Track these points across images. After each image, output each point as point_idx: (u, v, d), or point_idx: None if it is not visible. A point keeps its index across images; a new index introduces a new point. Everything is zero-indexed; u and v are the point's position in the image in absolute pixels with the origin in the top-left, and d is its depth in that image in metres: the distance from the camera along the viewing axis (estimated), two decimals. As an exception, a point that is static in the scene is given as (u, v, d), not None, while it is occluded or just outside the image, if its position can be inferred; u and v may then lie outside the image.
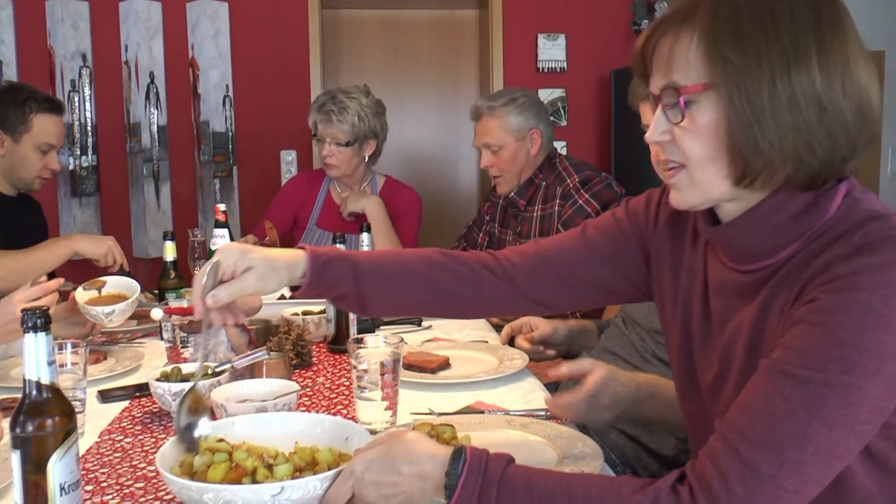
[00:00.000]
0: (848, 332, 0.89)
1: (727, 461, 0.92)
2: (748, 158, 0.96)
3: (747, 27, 0.95)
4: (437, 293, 1.30)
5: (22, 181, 2.65)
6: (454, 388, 1.66)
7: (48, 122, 2.62)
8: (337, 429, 1.21)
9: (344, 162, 2.90)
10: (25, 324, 0.93)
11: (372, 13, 4.54)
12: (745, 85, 0.95)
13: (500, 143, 2.62)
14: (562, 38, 4.50)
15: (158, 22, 4.19)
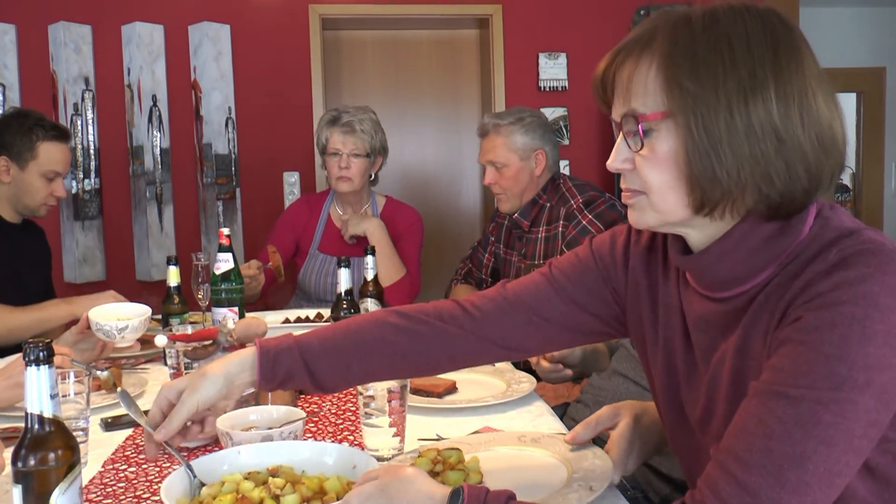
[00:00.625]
0: (835, 348, 0.88)
1: (726, 488, 0.90)
2: (706, 188, 0.96)
3: (704, 56, 0.95)
4: (394, 357, 1.27)
5: (27, 208, 2.65)
6: (462, 413, 1.64)
7: (54, 150, 2.62)
8: (344, 456, 1.20)
9: (359, 175, 2.88)
10: (28, 357, 0.91)
11: (373, 34, 4.56)
12: (702, 114, 0.95)
13: (503, 161, 2.62)
14: (563, 57, 4.51)
15: (161, 44, 4.20)
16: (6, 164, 2.58)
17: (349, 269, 2.01)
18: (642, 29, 1.03)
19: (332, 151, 2.89)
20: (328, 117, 2.94)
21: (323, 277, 2.93)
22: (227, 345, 1.68)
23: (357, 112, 2.92)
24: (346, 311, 1.96)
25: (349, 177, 2.88)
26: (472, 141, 4.67)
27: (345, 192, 2.92)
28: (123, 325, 1.92)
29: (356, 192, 2.93)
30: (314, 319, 2.41)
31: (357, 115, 2.91)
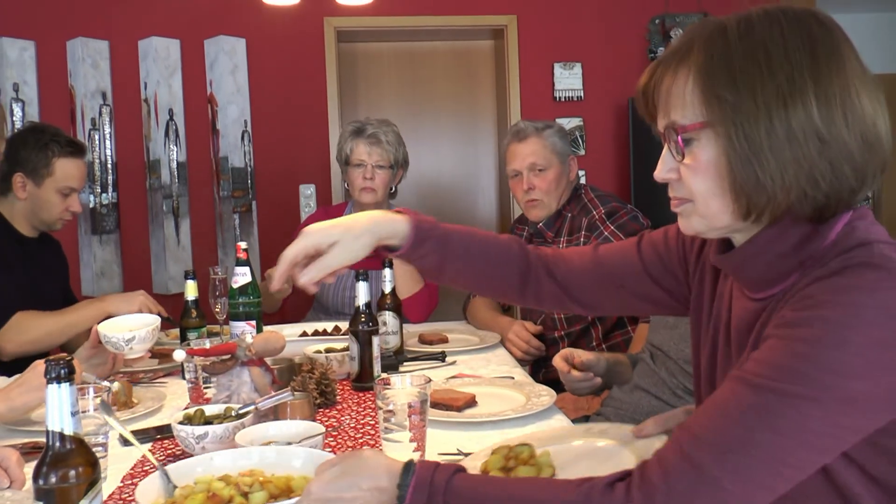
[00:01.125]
0: (805, 346, 0.90)
1: (672, 459, 0.94)
2: (751, 194, 0.97)
3: (741, 65, 0.96)
4: (501, 281, 1.38)
5: (44, 223, 2.66)
6: (481, 427, 1.63)
7: (70, 166, 2.62)
8: (310, 459, 1.25)
9: (383, 186, 2.88)
10: (49, 374, 0.91)
11: (388, 46, 4.57)
12: (742, 123, 0.95)
13: (546, 164, 2.60)
14: (578, 67, 4.50)
15: (177, 59, 4.22)
16: (22, 181, 2.59)
17: (367, 283, 2.00)
18: (679, 41, 1.04)
19: (357, 163, 2.88)
20: (352, 129, 2.94)
21: (341, 291, 2.92)
22: (245, 359, 1.68)
23: (380, 125, 2.92)
24: (364, 324, 1.95)
25: (373, 188, 2.87)
26: (488, 151, 4.70)
27: (368, 203, 2.91)
28: (130, 337, 1.91)
29: (377, 205, 2.92)
30: (332, 332, 2.40)
31: (381, 127, 2.91)
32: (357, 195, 2.92)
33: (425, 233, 1.29)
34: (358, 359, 1.95)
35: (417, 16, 4.33)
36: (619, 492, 0.95)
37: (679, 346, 1.79)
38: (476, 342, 2.48)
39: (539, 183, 2.60)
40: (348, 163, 2.91)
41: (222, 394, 1.67)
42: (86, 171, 2.71)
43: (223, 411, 1.55)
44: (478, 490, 1.02)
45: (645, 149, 4.24)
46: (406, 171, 3.02)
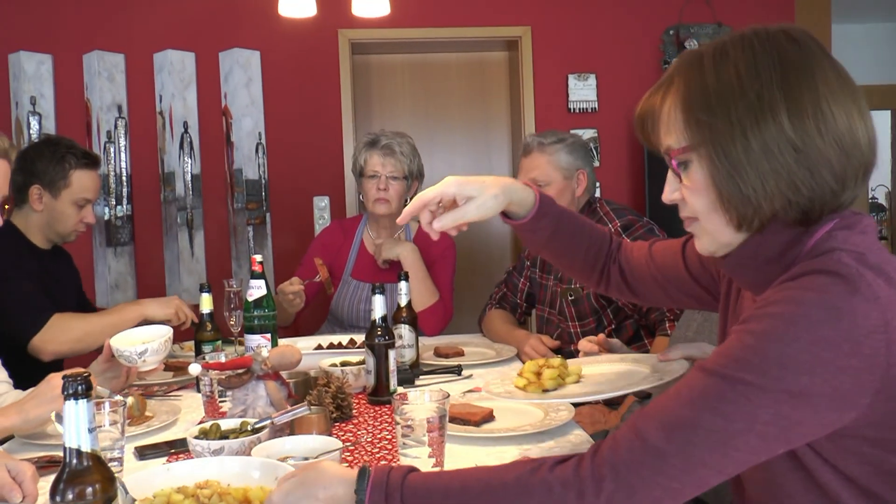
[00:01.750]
0: (754, 339, 0.97)
1: (624, 433, 1.02)
2: (738, 206, 1.04)
3: (715, 88, 1.04)
4: (586, 264, 1.53)
5: (59, 235, 2.67)
6: (499, 443, 1.61)
7: (86, 178, 2.64)
8: (268, 470, 1.27)
9: (397, 197, 2.89)
10: (66, 390, 0.90)
11: (402, 58, 4.57)
12: (720, 142, 1.03)
13: (547, 180, 2.58)
14: (592, 78, 4.49)
15: (192, 72, 4.24)
16: (39, 193, 2.60)
17: (384, 296, 1.98)
18: (666, 73, 1.14)
19: (371, 174, 2.88)
20: (367, 140, 2.94)
21: (356, 304, 2.91)
22: (261, 373, 1.67)
23: (395, 136, 2.93)
24: (381, 337, 1.93)
25: (387, 199, 2.87)
26: (502, 163, 4.68)
27: (382, 214, 2.90)
28: (143, 349, 1.91)
29: (391, 216, 2.92)
30: (347, 345, 2.39)
31: (395, 138, 2.91)
32: (371, 206, 2.92)
33: (546, 207, 1.41)
34: (374, 372, 1.94)
35: (431, 27, 4.33)
36: (570, 463, 1.02)
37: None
38: (492, 356, 2.46)
39: None
40: (362, 174, 2.91)
41: (238, 408, 1.66)
42: (100, 183, 2.73)
43: (239, 426, 1.54)
44: (432, 482, 1.08)
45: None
46: (421, 183, 3.01)
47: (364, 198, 2.95)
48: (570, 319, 2.58)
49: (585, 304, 2.54)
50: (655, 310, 2.38)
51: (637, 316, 2.47)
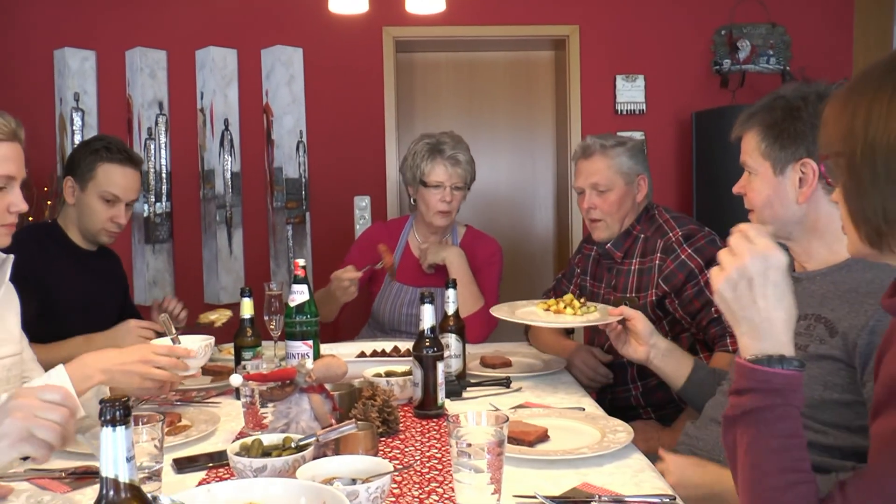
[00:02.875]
0: None
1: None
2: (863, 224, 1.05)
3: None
4: None
5: (88, 232, 2.59)
6: (556, 466, 1.51)
7: (114, 172, 2.55)
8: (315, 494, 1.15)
9: (457, 207, 2.80)
10: (103, 416, 0.83)
11: (447, 56, 4.48)
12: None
13: (609, 185, 2.47)
14: (641, 80, 4.37)
15: (233, 69, 4.19)
16: (72, 185, 2.56)
17: (433, 306, 1.89)
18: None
19: (435, 184, 2.77)
20: (427, 147, 2.80)
21: (398, 308, 2.83)
22: (305, 385, 1.59)
23: (456, 144, 2.80)
24: (430, 349, 1.85)
25: (451, 210, 2.78)
26: (547, 164, 4.58)
27: (440, 226, 2.80)
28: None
29: (447, 228, 2.84)
30: (391, 353, 2.31)
31: (458, 147, 2.79)
32: (431, 217, 2.80)
33: None
34: (421, 385, 1.85)
35: (477, 25, 4.24)
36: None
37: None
38: (540, 367, 2.36)
39: (600, 203, 2.47)
40: (424, 183, 2.79)
41: (280, 421, 1.58)
42: (136, 183, 2.61)
43: (282, 441, 1.46)
44: None
45: (709, 165, 4.08)
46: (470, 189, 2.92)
47: (423, 206, 2.82)
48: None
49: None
50: (716, 324, 2.27)
51: (695, 329, 2.36)
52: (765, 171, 1.64)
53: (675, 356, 2.01)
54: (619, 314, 2.00)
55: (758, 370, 1.07)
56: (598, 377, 2.38)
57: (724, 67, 4.27)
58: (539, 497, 1.32)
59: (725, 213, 3.92)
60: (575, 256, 2.81)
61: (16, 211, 1.78)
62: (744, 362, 1.09)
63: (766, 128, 1.62)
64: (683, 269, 2.32)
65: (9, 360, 1.81)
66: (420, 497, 1.36)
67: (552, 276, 4.53)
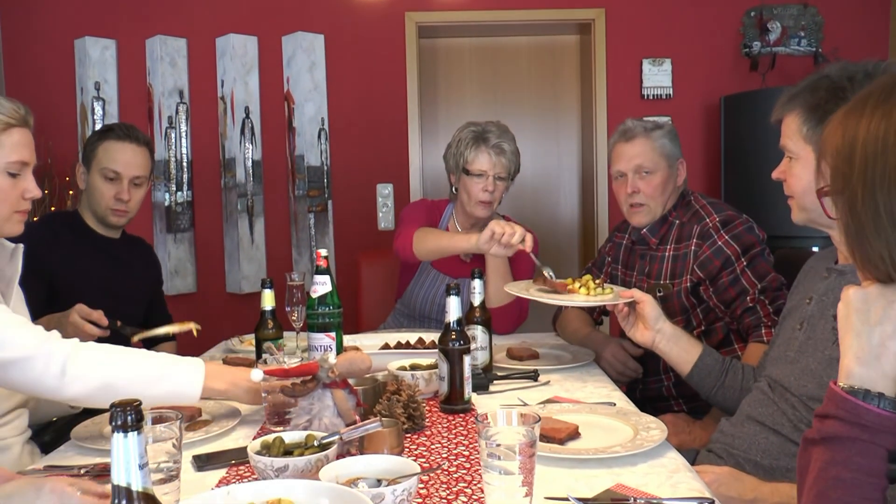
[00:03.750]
0: None
1: None
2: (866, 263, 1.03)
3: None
4: None
5: (97, 214, 2.56)
6: (588, 465, 1.45)
7: (113, 148, 2.51)
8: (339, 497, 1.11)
9: (499, 198, 2.72)
10: (114, 421, 0.78)
11: (470, 41, 4.41)
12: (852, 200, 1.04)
13: (653, 167, 2.39)
14: (668, 63, 4.27)
15: (254, 56, 4.15)
16: (82, 170, 2.57)
17: (459, 298, 1.84)
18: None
19: (478, 172, 2.68)
20: (472, 134, 2.72)
21: (432, 295, 2.78)
22: (328, 381, 1.54)
23: (502, 132, 2.71)
24: (455, 342, 1.79)
25: (492, 200, 2.70)
26: (571, 150, 4.51)
27: (481, 216, 2.72)
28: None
29: (489, 218, 2.76)
30: (415, 345, 2.25)
31: (504, 136, 2.70)
32: (472, 207, 2.72)
33: None
34: (447, 379, 1.80)
35: (501, 10, 4.17)
36: None
37: (801, 381, 1.57)
38: (569, 359, 2.30)
39: (644, 187, 2.39)
40: (467, 171, 2.71)
41: (302, 418, 1.53)
42: (137, 159, 2.51)
43: (304, 439, 1.41)
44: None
45: (737, 151, 3.99)
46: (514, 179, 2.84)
47: (465, 195, 2.73)
48: None
49: (675, 301, 2.36)
50: (751, 314, 2.20)
51: (729, 319, 2.29)
52: (807, 156, 1.56)
53: (681, 342, 1.96)
54: (630, 296, 1.95)
55: (849, 400, 0.99)
56: (628, 371, 2.32)
57: (753, 50, 4.17)
58: (572, 499, 1.26)
59: (754, 200, 3.84)
60: (605, 245, 2.74)
61: (30, 197, 1.76)
62: (837, 389, 1.01)
63: (808, 110, 1.55)
64: (720, 255, 2.25)
65: None
66: (448, 498, 1.31)
67: (578, 264, 4.47)
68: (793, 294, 1.81)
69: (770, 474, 1.58)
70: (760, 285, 2.21)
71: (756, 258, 2.24)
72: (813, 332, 1.59)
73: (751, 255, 2.24)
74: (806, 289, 1.72)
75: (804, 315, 1.64)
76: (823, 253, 1.78)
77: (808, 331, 1.61)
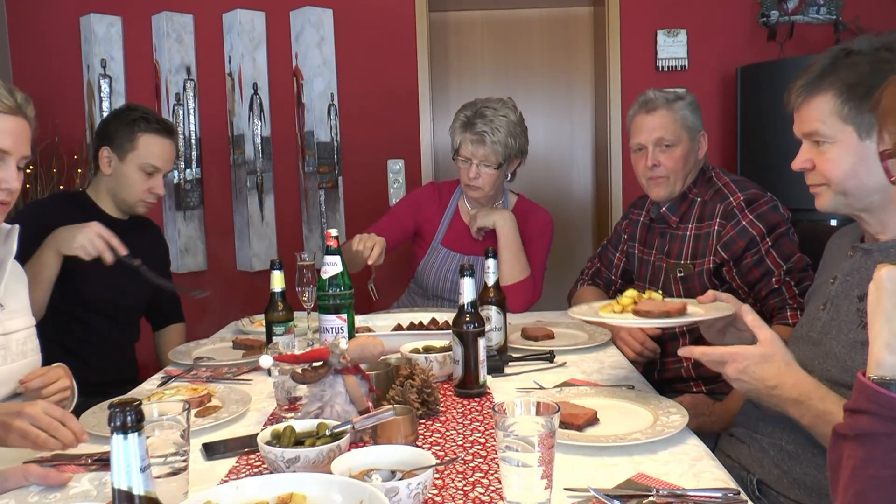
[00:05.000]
0: None
1: None
2: None
3: None
4: None
5: (125, 203, 2.55)
6: (608, 453, 1.41)
7: (154, 143, 2.52)
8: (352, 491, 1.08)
9: (489, 184, 2.69)
10: (113, 422, 0.74)
11: (482, 14, 4.33)
12: None
13: (675, 140, 2.32)
14: (683, 34, 4.18)
15: (262, 32, 4.08)
16: (108, 156, 2.52)
17: (473, 279, 1.79)
18: None
19: (463, 158, 2.69)
20: (462, 119, 2.70)
21: (443, 274, 2.75)
22: (339, 367, 1.50)
23: (494, 115, 2.66)
24: (470, 324, 1.74)
25: (478, 186, 2.68)
26: (585, 124, 4.43)
27: (474, 198, 2.76)
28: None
29: (486, 199, 2.75)
30: (428, 326, 2.21)
31: (493, 121, 2.65)
32: (464, 189, 2.78)
33: None
34: (462, 362, 1.75)
35: (513, -19, 4.08)
36: None
37: (824, 364, 1.52)
38: (584, 339, 2.26)
39: (665, 160, 2.32)
40: (457, 154, 2.71)
41: (314, 405, 1.50)
42: (173, 154, 2.59)
43: (316, 428, 1.38)
44: None
45: (755, 123, 3.90)
46: (523, 160, 2.79)
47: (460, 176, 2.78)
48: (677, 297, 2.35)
49: (696, 281, 2.30)
50: (776, 295, 2.14)
51: (752, 300, 2.23)
52: (846, 137, 1.47)
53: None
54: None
55: (882, 394, 0.93)
56: (646, 352, 2.27)
57: (771, 19, 4.07)
58: (592, 491, 1.22)
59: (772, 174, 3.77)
60: (622, 222, 2.68)
61: (6, 188, 1.67)
62: (867, 381, 0.95)
63: (848, 87, 1.45)
64: (744, 235, 2.19)
65: (22, 334, 1.77)
66: (464, 490, 1.27)
67: (592, 241, 4.41)
68: (819, 272, 1.75)
69: (795, 459, 1.54)
70: (786, 266, 2.16)
71: (781, 238, 2.18)
72: (837, 314, 1.53)
73: (776, 235, 2.18)
74: (830, 268, 1.66)
75: (828, 295, 1.58)
76: (847, 229, 1.71)
77: (832, 311, 1.55)
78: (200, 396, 1.76)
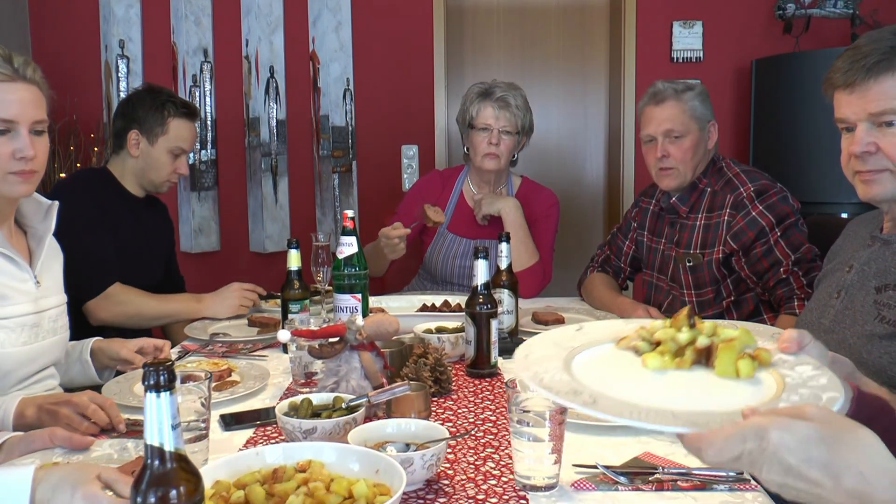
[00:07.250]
0: None
1: None
2: None
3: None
4: None
5: (152, 183, 2.64)
6: (615, 432, 1.44)
7: (183, 127, 2.61)
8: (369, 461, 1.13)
9: (507, 153, 2.74)
10: (147, 381, 0.77)
11: (498, 2, 4.34)
12: None
13: (684, 130, 2.35)
14: (698, 26, 4.18)
15: (279, 15, 4.10)
16: (136, 138, 2.58)
17: (487, 261, 1.82)
18: None
19: (482, 126, 2.72)
20: (478, 90, 2.76)
21: (450, 259, 2.77)
22: (355, 343, 1.54)
23: (509, 88, 2.75)
24: (483, 305, 1.78)
25: (498, 154, 2.70)
26: (599, 114, 4.45)
27: (489, 169, 2.74)
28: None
29: (499, 172, 2.76)
30: (441, 307, 2.25)
31: (510, 90, 2.74)
32: (479, 161, 2.76)
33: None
34: (474, 343, 1.79)
35: (530, -31, 4.09)
36: None
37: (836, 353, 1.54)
38: (594, 324, 2.28)
39: (674, 151, 2.35)
40: (472, 126, 2.73)
41: (330, 379, 1.54)
42: (196, 135, 2.68)
43: (332, 401, 1.41)
44: None
45: (769, 116, 3.91)
46: (529, 139, 2.83)
47: (472, 151, 2.78)
48: (686, 287, 2.38)
49: (705, 271, 2.32)
50: (784, 285, 2.16)
51: (760, 289, 2.25)
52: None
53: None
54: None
55: None
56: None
57: (787, 12, 4.07)
58: (600, 467, 1.25)
59: (785, 167, 3.78)
60: (631, 210, 2.70)
61: (22, 157, 1.61)
62: None
63: None
64: (754, 226, 2.21)
65: (55, 311, 1.80)
66: (475, 464, 1.31)
67: (603, 229, 4.43)
68: (831, 256, 1.75)
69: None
70: (794, 256, 2.18)
71: (790, 228, 2.20)
72: (851, 303, 1.53)
73: (785, 226, 2.20)
74: (847, 254, 1.66)
75: (843, 283, 1.58)
76: (867, 216, 1.70)
77: (846, 300, 1.55)
78: (221, 371, 1.81)
